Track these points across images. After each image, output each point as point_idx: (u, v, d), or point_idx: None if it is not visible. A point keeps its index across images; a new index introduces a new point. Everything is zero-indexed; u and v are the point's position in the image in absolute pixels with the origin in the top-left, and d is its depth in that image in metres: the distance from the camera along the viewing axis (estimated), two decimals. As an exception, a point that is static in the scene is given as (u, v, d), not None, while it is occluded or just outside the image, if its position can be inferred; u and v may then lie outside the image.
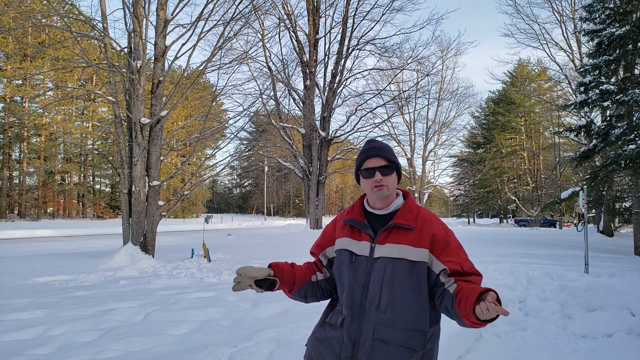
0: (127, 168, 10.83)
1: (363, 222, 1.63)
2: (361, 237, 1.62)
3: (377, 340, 1.50)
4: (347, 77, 21.63)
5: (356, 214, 1.68)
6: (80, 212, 47.14)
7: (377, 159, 1.61)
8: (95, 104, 44.77)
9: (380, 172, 1.59)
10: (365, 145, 1.69)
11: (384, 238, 1.57)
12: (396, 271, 1.52)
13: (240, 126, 29.33)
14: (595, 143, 13.73)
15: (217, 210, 76.50)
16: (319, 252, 1.78)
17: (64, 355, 3.69)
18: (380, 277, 1.53)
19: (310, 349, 1.66)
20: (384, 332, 1.51)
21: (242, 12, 11.83)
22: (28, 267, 9.41)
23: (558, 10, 26.44)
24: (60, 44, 12.21)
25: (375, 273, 1.54)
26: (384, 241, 1.56)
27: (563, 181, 38.48)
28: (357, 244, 1.61)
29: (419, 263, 1.54)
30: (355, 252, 1.60)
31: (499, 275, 7.02)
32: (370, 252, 1.58)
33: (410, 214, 1.60)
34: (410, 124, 40.58)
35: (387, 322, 1.51)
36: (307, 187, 20.79)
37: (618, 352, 4.09)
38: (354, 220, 1.65)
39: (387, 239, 1.56)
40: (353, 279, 1.57)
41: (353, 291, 1.56)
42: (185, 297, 6.22)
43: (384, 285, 1.52)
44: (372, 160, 1.62)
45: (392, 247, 1.54)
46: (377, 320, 1.51)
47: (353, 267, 1.59)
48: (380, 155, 1.61)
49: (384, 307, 1.52)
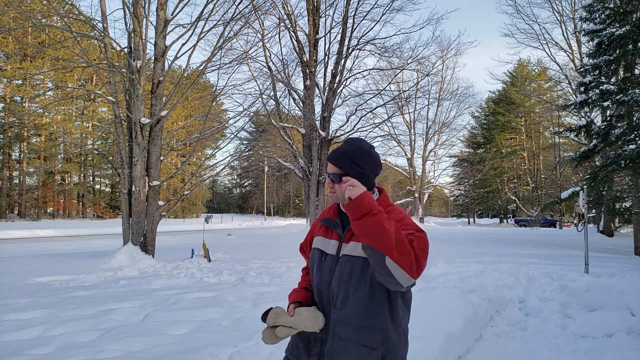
0: (127, 168, 10.83)
1: (335, 221, 1.65)
2: (332, 235, 1.64)
3: (335, 337, 1.53)
4: (347, 77, 21.59)
5: (331, 212, 1.70)
6: (80, 212, 47.11)
7: (331, 165, 1.59)
8: (95, 104, 44.75)
9: (332, 179, 1.58)
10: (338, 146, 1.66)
11: (350, 236, 1.57)
12: (353, 268, 1.53)
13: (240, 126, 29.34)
14: (595, 143, 13.73)
15: (217, 210, 76.49)
16: (308, 252, 1.82)
17: (64, 355, 3.69)
18: (339, 275, 1.55)
19: (290, 342, 1.72)
20: (340, 330, 1.52)
21: (242, 12, 11.83)
22: (28, 267, 9.41)
23: (558, 10, 26.47)
24: (60, 44, 12.20)
25: (336, 272, 1.56)
26: (349, 239, 1.57)
27: (563, 181, 38.48)
28: (328, 243, 1.63)
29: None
30: (325, 250, 1.63)
31: (499, 275, 7.03)
32: (337, 250, 1.59)
33: None
34: (410, 124, 40.60)
35: (343, 319, 1.52)
36: (307, 187, 20.79)
37: (618, 352, 4.09)
38: (327, 219, 1.68)
39: (353, 237, 1.56)
40: (320, 278, 1.61)
41: (320, 289, 1.60)
42: (185, 297, 6.22)
43: (341, 283, 1.54)
44: (329, 165, 1.60)
45: (355, 245, 1.54)
46: (335, 317, 1.54)
47: (321, 266, 1.62)
48: (333, 162, 1.57)
49: (340, 304, 1.53)
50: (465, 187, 54.27)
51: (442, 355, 3.45)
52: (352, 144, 1.60)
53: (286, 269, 9.17)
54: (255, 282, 7.90)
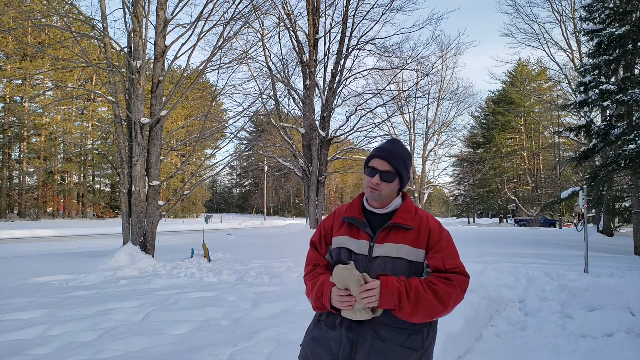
0: (127, 168, 10.83)
1: (362, 221, 1.62)
2: (360, 235, 1.61)
3: (376, 340, 1.50)
4: (347, 77, 21.61)
5: (355, 212, 1.66)
6: (80, 212, 47.10)
7: (384, 162, 1.60)
8: (95, 104, 44.75)
9: (381, 177, 1.59)
10: (384, 144, 1.67)
11: (383, 237, 1.57)
12: (395, 271, 1.52)
13: (240, 126, 29.32)
14: (595, 143, 13.73)
15: (217, 210, 76.44)
16: (324, 249, 1.73)
17: (64, 355, 3.69)
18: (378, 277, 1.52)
19: (306, 349, 1.63)
20: (383, 333, 1.50)
21: (242, 12, 11.83)
22: (28, 267, 9.40)
23: (558, 10, 26.47)
24: (60, 44, 12.21)
25: (373, 273, 1.53)
26: (383, 241, 1.56)
27: (563, 181, 38.48)
28: (357, 243, 1.60)
29: (416, 263, 1.55)
30: (355, 250, 1.59)
31: (499, 275, 7.03)
32: (369, 251, 1.57)
33: (409, 214, 1.61)
34: (410, 124, 40.58)
35: (387, 322, 1.50)
36: (307, 187, 20.79)
37: (618, 352, 4.09)
38: (353, 218, 1.64)
39: (387, 239, 1.56)
40: None
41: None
42: (185, 297, 6.21)
43: None
44: (380, 161, 1.60)
45: (392, 246, 1.54)
46: (377, 320, 1.51)
47: None
48: (388, 160, 1.59)
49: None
50: (465, 187, 54.26)
51: (442, 355, 3.45)
52: (401, 145, 1.65)
53: (286, 269, 9.17)
54: (255, 282, 7.90)
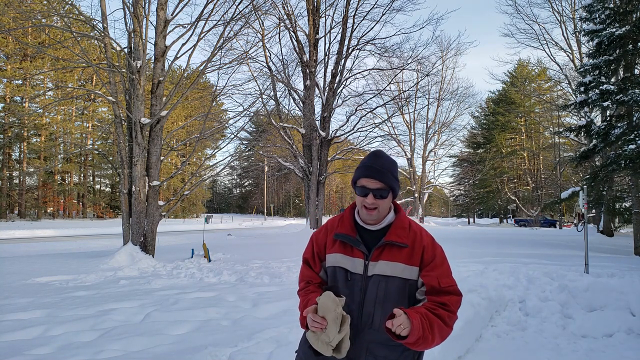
0: (127, 168, 10.83)
1: (355, 238, 1.57)
2: (354, 253, 1.57)
3: (369, 357, 1.50)
4: (347, 77, 21.59)
5: (347, 228, 1.61)
6: (80, 212, 47.08)
7: (374, 181, 1.53)
8: (95, 104, 44.73)
9: (374, 195, 1.53)
10: (368, 160, 1.58)
11: (377, 255, 1.54)
12: (389, 289, 1.51)
13: (240, 126, 29.32)
14: (595, 143, 13.72)
15: (217, 210, 76.42)
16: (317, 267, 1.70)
17: (64, 355, 3.69)
18: (374, 295, 1.51)
19: (301, 356, 1.62)
20: (377, 350, 1.50)
21: (242, 12, 11.82)
22: (28, 267, 9.40)
23: (558, 10, 26.48)
24: (60, 44, 12.20)
25: (369, 292, 1.52)
26: (377, 258, 1.53)
27: (563, 181, 38.47)
28: (351, 261, 1.57)
29: (410, 281, 1.53)
30: (350, 269, 1.56)
31: (499, 275, 7.02)
32: (364, 269, 1.54)
33: (403, 230, 1.57)
34: (410, 124, 40.65)
35: (381, 340, 1.49)
36: (307, 187, 20.78)
37: (618, 352, 4.09)
38: (346, 236, 1.59)
39: (381, 256, 1.53)
40: (349, 298, 1.53)
41: (350, 309, 1.52)
42: (185, 297, 6.21)
43: (377, 304, 1.51)
44: (369, 180, 1.53)
45: (386, 264, 1.52)
46: (371, 338, 1.50)
47: (348, 286, 1.55)
48: (378, 178, 1.52)
49: (377, 325, 1.50)
50: (465, 187, 54.26)
51: (442, 355, 3.45)
52: (384, 157, 1.58)
53: (286, 269, 9.17)
54: (255, 282, 7.90)
